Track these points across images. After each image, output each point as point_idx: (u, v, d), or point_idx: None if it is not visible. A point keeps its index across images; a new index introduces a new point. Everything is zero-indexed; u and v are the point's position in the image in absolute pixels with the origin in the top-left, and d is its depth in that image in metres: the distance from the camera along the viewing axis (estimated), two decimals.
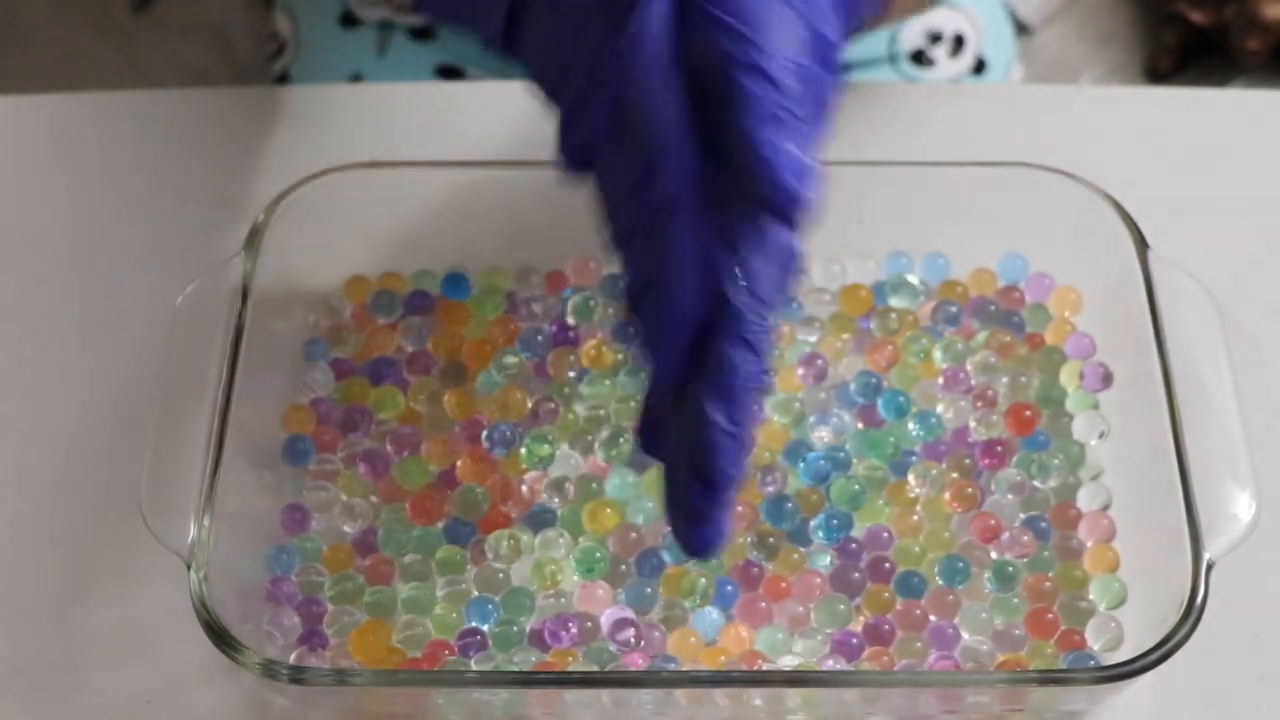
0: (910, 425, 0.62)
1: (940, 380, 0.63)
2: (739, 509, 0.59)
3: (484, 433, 0.62)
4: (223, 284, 0.60)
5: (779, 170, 0.47)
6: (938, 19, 0.89)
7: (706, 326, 0.48)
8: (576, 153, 0.50)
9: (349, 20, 0.89)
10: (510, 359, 0.64)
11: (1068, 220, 0.63)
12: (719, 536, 0.49)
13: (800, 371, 0.63)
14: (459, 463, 0.61)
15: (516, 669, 0.56)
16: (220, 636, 0.53)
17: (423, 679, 0.55)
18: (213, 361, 0.58)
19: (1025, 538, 0.59)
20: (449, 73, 0.88)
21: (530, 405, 0.62)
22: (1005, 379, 0.63)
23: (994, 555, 0.59)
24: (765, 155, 0.47)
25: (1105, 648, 0.57)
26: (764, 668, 0.56)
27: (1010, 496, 0.60)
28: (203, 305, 0.60)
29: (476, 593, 0.58)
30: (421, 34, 0.88)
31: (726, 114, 0.47)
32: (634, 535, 0.59)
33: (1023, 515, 0.60)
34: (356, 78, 0.88)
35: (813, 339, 0.64)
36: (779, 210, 0.47)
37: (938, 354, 0.64)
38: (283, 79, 0.91)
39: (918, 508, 0.60)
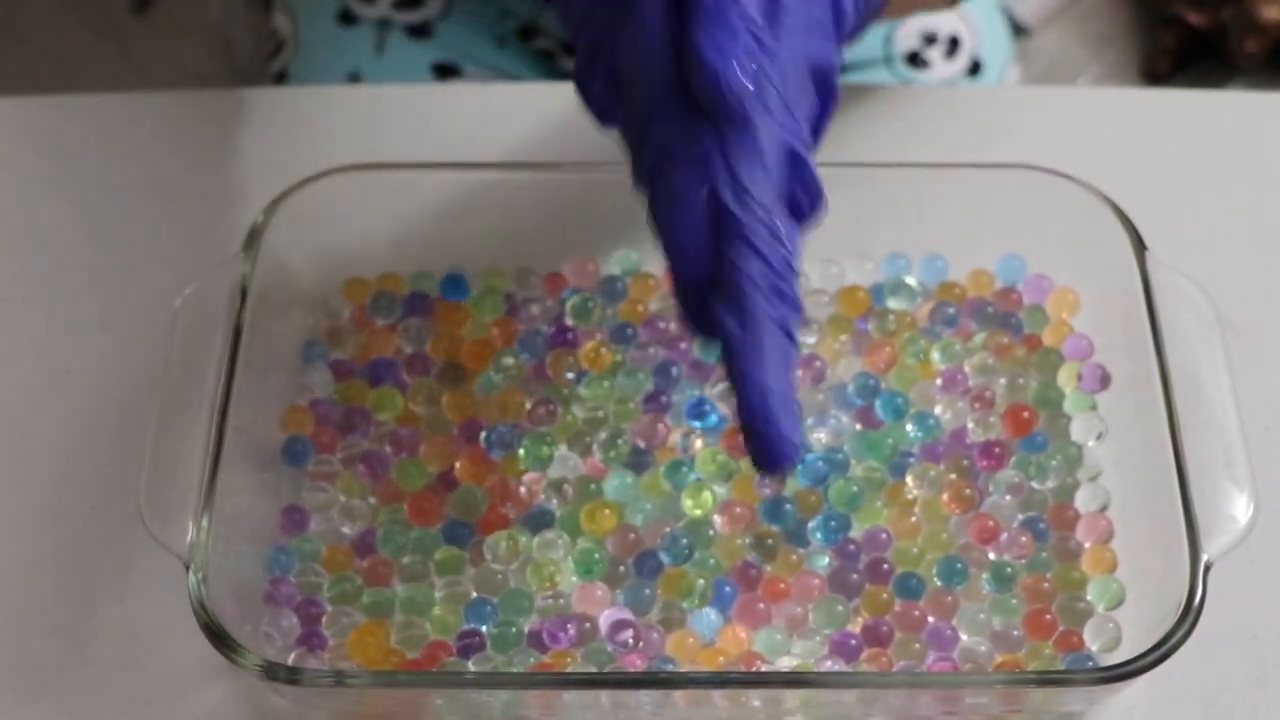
0: (908, 427, 0.62)
1: (938, 381, 0.63)
2: (737, 509, 0.59)
3: (483, 434, 0.62)
4: (222, 285, 0.60)
5: (716, 72, 0.47)
6: (933, 20, 0.89)
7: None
8: (597, 105, 0.51)
9: (347, 18, 0.89)
10: (509, 360, 0.64)
11: (1066, 222, 0.64)
12: (787, 447, 0.48)
13: (798, 373, 0.63)
14: (458, 464, 0.61)
15: (515, 670, 0.56)
16: (219, 637, 0.53)
17: (421, 680, 0.55)
18: (212, 363, 0.58)
19: (1023, 539, 0.59)
20: (446, 70, 0.88)
21: (529, 407, 0.62)
22: (1003, 380, 0.63)
23: (992, 556, 0.59)
24: (705, 58, 0.47)
25: (1103, 649, 0.57)
26: (762, 669, 0.56)
27: (1008, 497, 0.60)
28: (202, 306, 0.60)
29: (475, 594, 0.58)
30: (419, 32, 0.88)
31: (687, 31, 0.48)
32: (632, 536, 0.59)
33: (1021, 516, 0.60)
34: (354, 76, 0.88)
35: (811, 340, 0.64)
36: (726, 113, 0.47)
37: (936, 355, 0.64)
38: (281, 77, 0.91)
39: (916, 509, 0.60)
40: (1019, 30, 1.44)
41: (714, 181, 0.47)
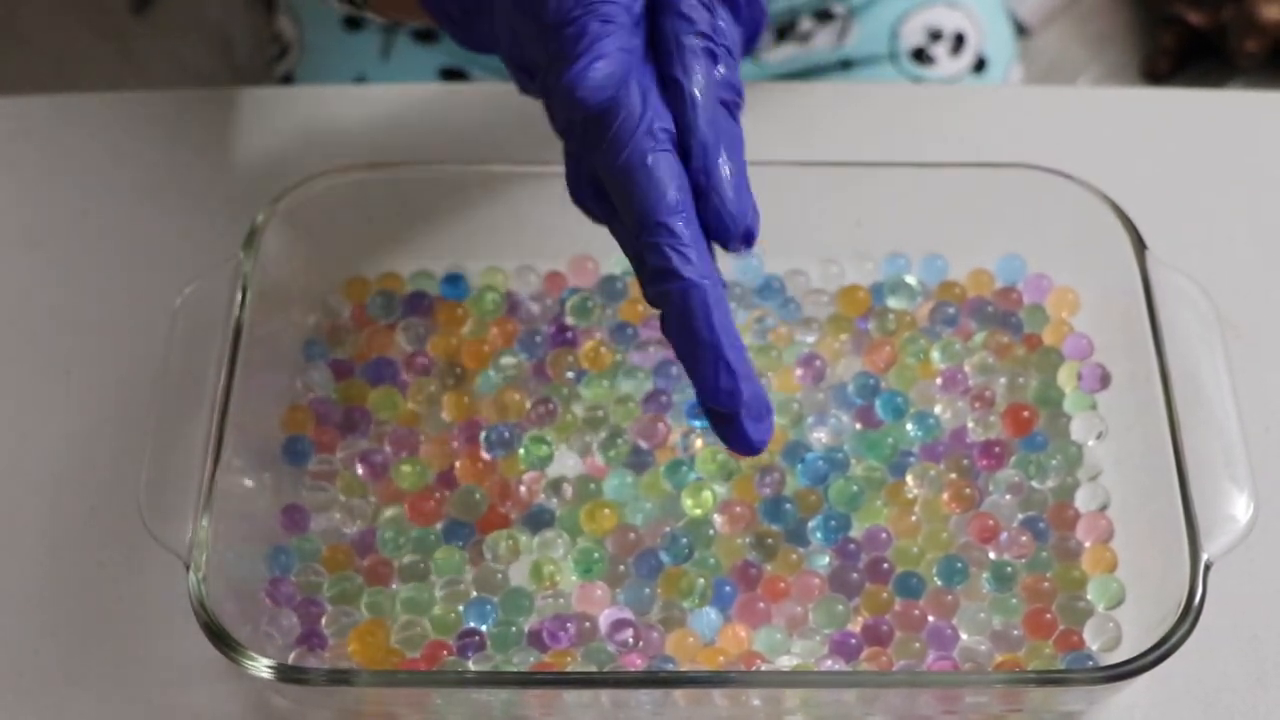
0: (908, 426, 0.62)
1: (938, 381, 0.63)
2: (737, 509, 0.59)
3: (483, 434, 0.62)
4: (222, 284, 0.60)
5: None
6: (939, 17, 0.89)
7: None
8: (593, 213, 0.51)
9: (353, 23, 0.89)
10: (509, 360, 0.64)
11: (1066, 221, 0.64)
12: (742, 384, 0.49)
13: (798, 372, 0.63)
14: (457, 464, 0.61)
15: (515, 669, 0.56)
16: (219, 637, 0.53)
17: (421, 679, 0.55)
18: (212, 362, 0.58)
19: (1023, 538, 0.59)
20: (452, 75, 0.88)
21: (529, 406, 0.62)
22: (1003, 379, 0.63)
23: (992, 556, 0.59)
24: None
25: (1103, 648, 0.57)
26: (762, 668, 0.56)
27: (1008, 497, 0.60)
28: (202, 305, 0.60)
29: (475, 593, 0.58)
30: (425, 36, 0.88)
31: None
32: (632, 536, 0.59)
33: (1021, 516, 0.60)
34: (360, 80, 0.88)
35: (811, 340, 0.64)
36: None
37: (936, 355, 0.64)
38: (286, 81, 0.91)
39: (916, 508, 0.60)
40: (1020, 30, 1.44)
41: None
